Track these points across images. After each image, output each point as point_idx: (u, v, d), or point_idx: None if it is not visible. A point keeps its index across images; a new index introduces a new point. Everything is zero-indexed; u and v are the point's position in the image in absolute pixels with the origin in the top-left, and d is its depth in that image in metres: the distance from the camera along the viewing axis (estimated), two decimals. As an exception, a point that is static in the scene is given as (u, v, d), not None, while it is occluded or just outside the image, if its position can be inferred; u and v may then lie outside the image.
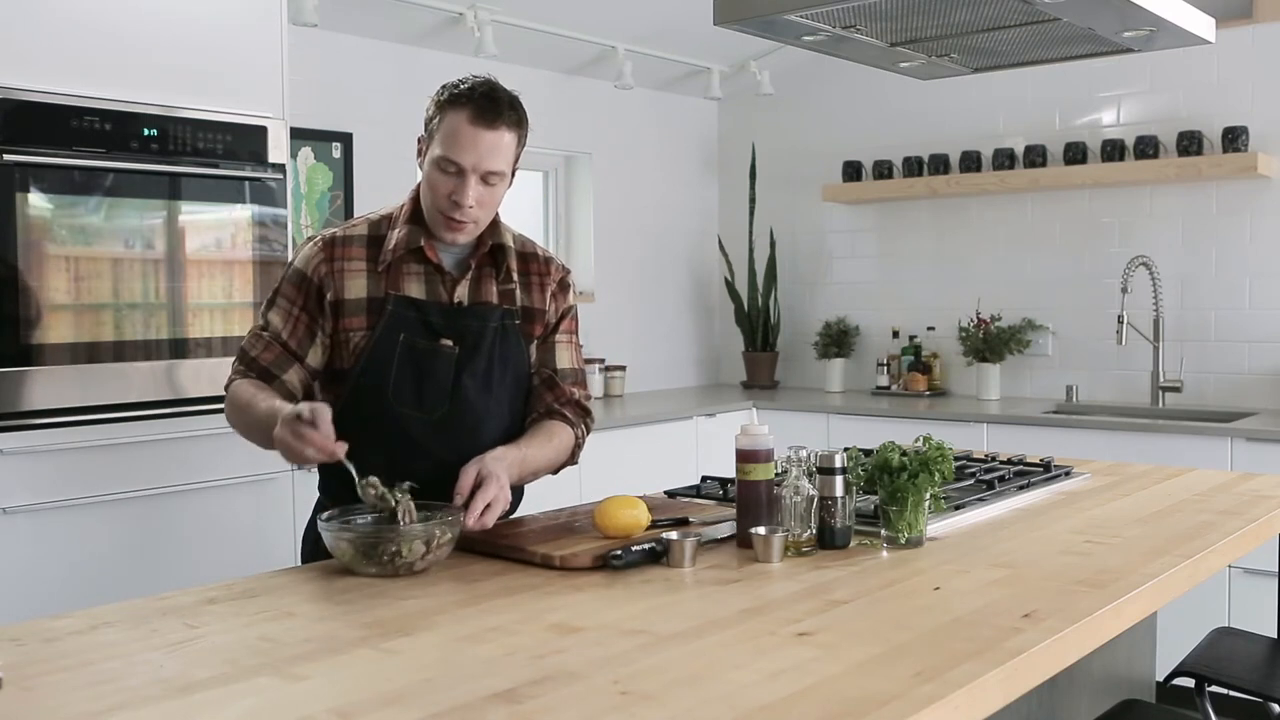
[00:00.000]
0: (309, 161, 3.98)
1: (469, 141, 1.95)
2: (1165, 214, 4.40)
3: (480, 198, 1.99)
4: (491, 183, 1.99)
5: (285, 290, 2.06)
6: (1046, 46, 2.61)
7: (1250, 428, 3.70)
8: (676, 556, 1.78)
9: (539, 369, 2.16)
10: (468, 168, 1.96)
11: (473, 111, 1.95)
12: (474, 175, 1.96)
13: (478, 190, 1.98)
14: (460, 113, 1.96)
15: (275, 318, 2.05)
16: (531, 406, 2.15)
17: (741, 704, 1.17)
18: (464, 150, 1.95)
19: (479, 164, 1.96)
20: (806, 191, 5.24)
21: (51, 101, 2.73)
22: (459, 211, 1.98)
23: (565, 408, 2.14)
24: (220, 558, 2.99)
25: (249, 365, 2.04)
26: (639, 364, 5.11)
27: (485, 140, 1.95)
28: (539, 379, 2.16)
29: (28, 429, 2.71)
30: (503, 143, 1.98)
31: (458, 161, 1.95)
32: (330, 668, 1.32)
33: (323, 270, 2.03)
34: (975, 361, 4.66)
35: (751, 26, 2.38)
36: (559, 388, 2.15)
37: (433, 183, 2.00)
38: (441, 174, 1.98)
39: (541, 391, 2.15)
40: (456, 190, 1.97)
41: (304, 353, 2.04)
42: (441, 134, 1.97)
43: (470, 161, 1.95)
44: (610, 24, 4.52)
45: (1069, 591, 1.61)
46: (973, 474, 2.43)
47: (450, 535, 1.77)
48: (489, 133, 1.95)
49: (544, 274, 2.17)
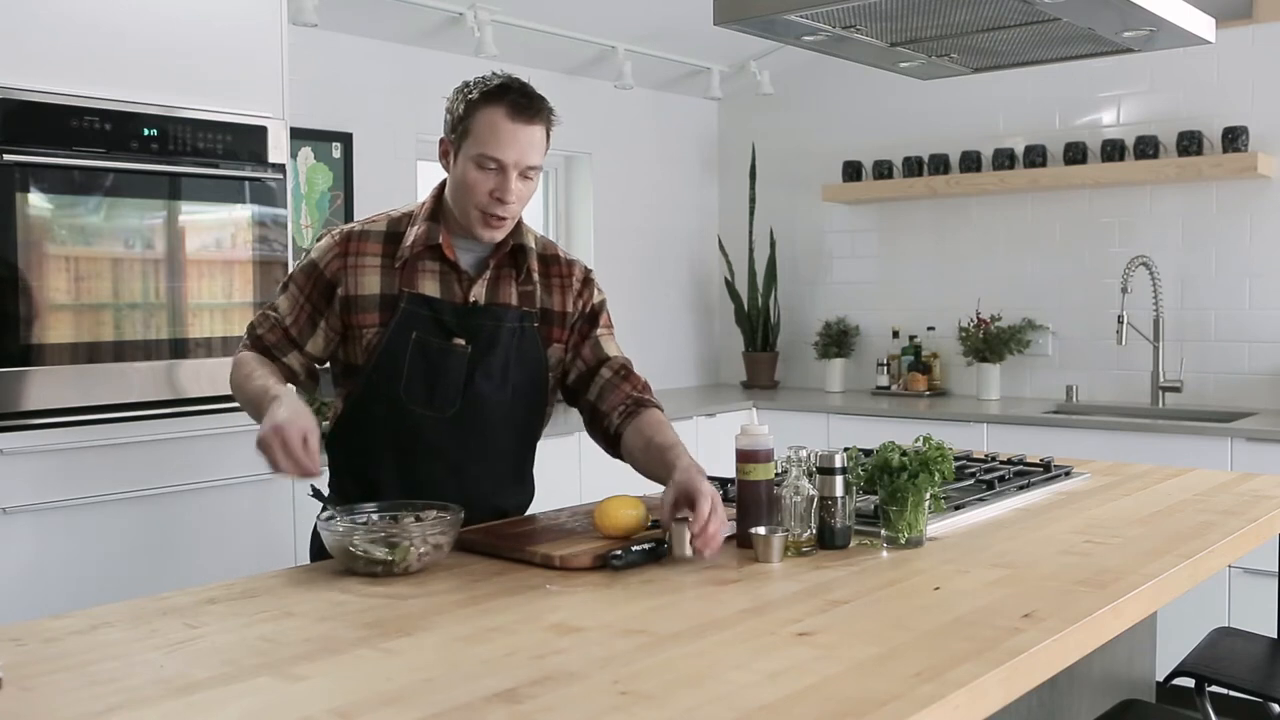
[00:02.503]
0: (309, 161, 3.98)
1: (509, 137, 1.95)
2: (1165, 214, 4.40)
3: (519, 193, 2.00)
4: (529, 177, 2.00)
5: (297, 278, 2.09)
6: (1046, 46, 2.61)
7: (1250, 428, 3.70)
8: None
9: (605, 363, 2.16)
10: (509, 164, 1.95)
11: (510, 107, 1.95)
12: (515, 171, 1.97)
13: (517, 186, 1.98)
14: (497, 108, 1.95)
15: (283, 303, 2.08)
16: (611, 401, 2.13)
17: (741, 704, 1.17)
18: (505, 146, 1.95)
19: (521, 159, 1.96)
20: (806, 191, 5.24)
21: (51, 101, 2.73)
22: (501, 208, 1.98)
23: (644, 393, 2.16)
24: (220, 558, 2.99)
25: (255, 341, 2.09)
26: (639, 364, 5.03)
27: (524, 135, 1.96)
28: (609, 371, 2.16)
29: (28, 429, 2.71)
30: (539, 137, 1.99)
31: (499, 158, 1.95)
32: (330, 668, 1.32)
33: (335, 265, 2.04)
34: (975, 361, 4.66)
35: (751, 26, 2.38)
36: (633, 376, 2.17)
37: (470, 181, 1.98)
38: (481, 171, 1.97)
39: (617, 383, 2.15)
40: (499, 187, 1.97)
41: (304, 341, 2.07)
42: (478, 131, 1.96)
43: (513, 157, 1.95)
44: (610, 24, 4.52)
45: (1069, 591, 1.61)
46: (973, 474, 2.43)
47: (449, 535, 1.77)
48: (528, 127, 1.96)
49: (566, 276, 2.16)
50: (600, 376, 2.15)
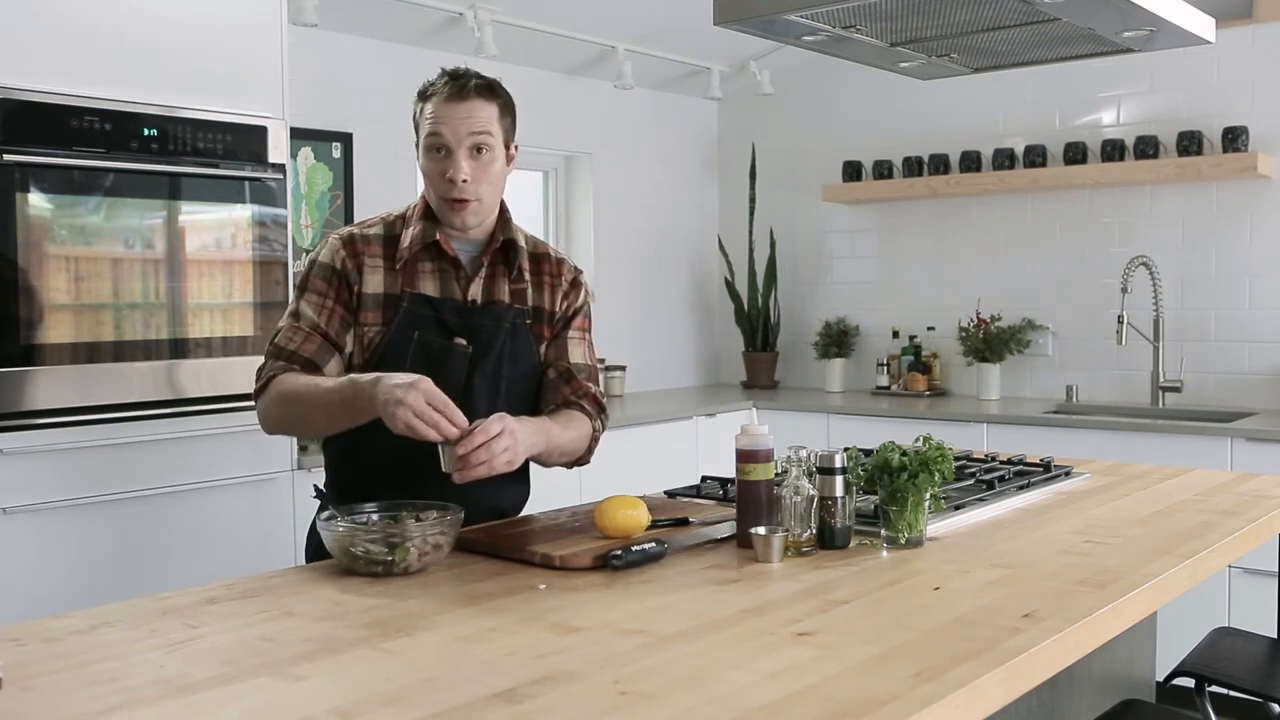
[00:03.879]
0: (309, 161, 3.98)
1: (445, 115, 2.02)
2: (1165, 214, 4.40)
3: (474, 172, 2.02)
4: (482, 154, 2.03)
5: (314, 285, 2.06)
6: (1046, 46, 2.61)
7: (1250, 428, 3.70)
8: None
9: (554, 364, 2.17)
10: (449, 139, 2.01)
11: (444, 92, 2.03)
12: (460, 149, 2.01)
13: (469, 164, 2.02)
14: (435, 97, 2.04)
15: (309, 310, 2.04)
16: (547, 400, 2.14)
17: (741, 704, 1.17)
18: (442, 124, 2.01)
19: (458, 132, 2.01)
20: (806, 191, 5.24)
21: (51, 101, 2.73)
22: (456, 189, 2.01)
23: (582, 400, 2.15)
24: (220, 558, 2.99)
25: (290, 359, 2.02)
26: (639, 364, 5.11)
27: (459, 110, 2.02)
28: (554, 373, 2.16)
29: (28, 429, 2.71)
30: (479, 112, 2.03)
31: (439, 133, 2.01)
32: (330, 668, 1.32)
33: (349, 264, 2.05)
34: (975, 361, 4.66)
35: (751, 26, 2.38)
36: (575, 381, 2.16)
37: (427, 171, 2.06)
38: (431, 159, 2.04)
39: (558, 385, 2.15)
40: (449, 167, 2.02)
41: (342, 343, 2.05)
42: (422, 121, 2.05)
43: (449, 131, 2.01)
44: (610, 24, 4.52)
45: (1069, 591, 1.61)
46: (973, 474, 2.43)
47: (449, 536, 1.77)
48: (461, 104, 2.02)
49: (556, 275, 2.19)
50: (546, 377, 2.17)
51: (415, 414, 1.77)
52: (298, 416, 1.99)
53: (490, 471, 1.82)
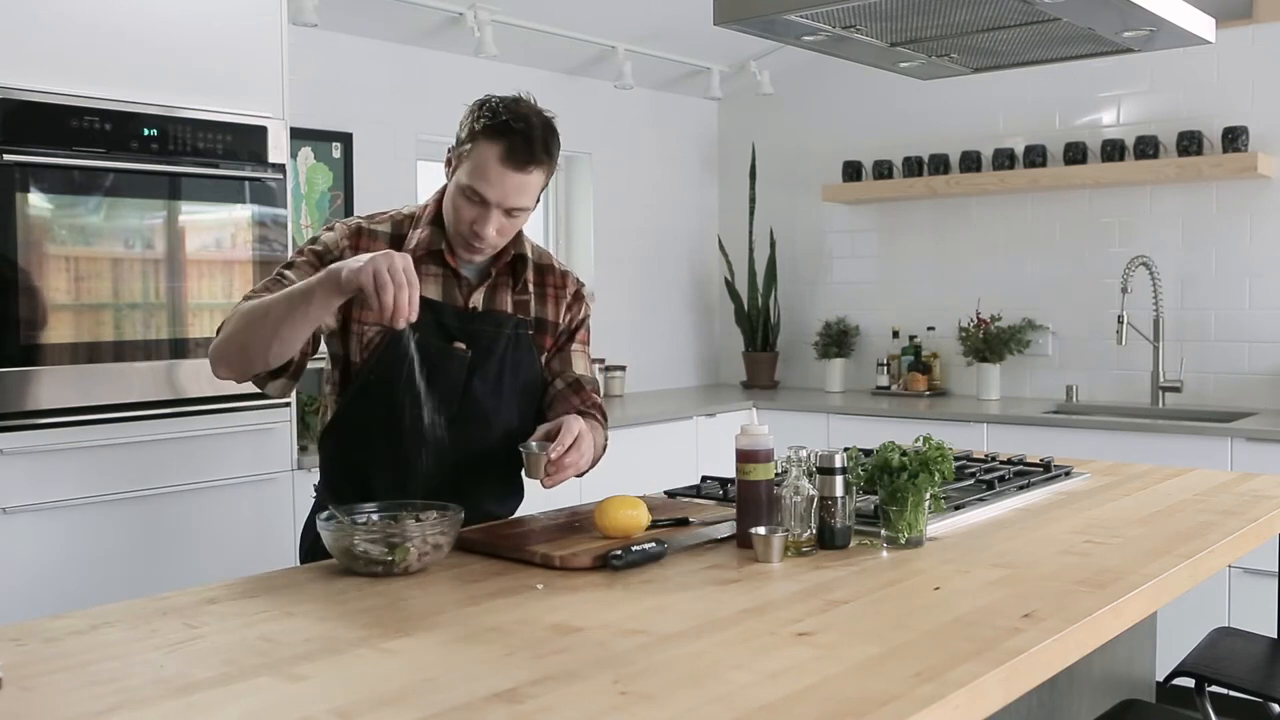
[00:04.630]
0: (309, 161, 3.98)
1: (497, 179, 1.92)
2: (1165, 214, 4.40)
3: (502, 228, 1.99)
4: (515, 216, 1.99)
5: (307, 257, 2.01)
6: (1046, 46, 2.61)
7: (1250, 428, 3.70)
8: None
9: (560, 375, 2.17)
10: (492, 203, 1.94)
11: (505, 150, 1.91)
12: (498, 210, 1.95)
13: (499, 222, 1.97)
14: (493, 147, 1.91)
15: (293, 275, 1.96)
16: (557, 411, 2.13)
17: (741, 704, 1.17)
18: (491, 186, 1.93)
19: (503, 201, 1.94)
20: (806, 191, 5.24)
21: (51, 101, 2.73)
22: (479, 240, 1.98)
23: (593, 410, 2.15)
24: (220, 558, 2.99)
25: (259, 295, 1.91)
26: (639, 364, 5.11)
27: (513, 181, 1.93)
28: (562, 383, 2.17)
29: (28, 429, 2.71)
30: (530, 182, 1.95)
31: (483, 195, 1.93)
32: (330, 668, 1.32)
33: (349, 255, 2.02)
34: (975, 361, 4.66)
35: (751, 26, 2.38)
36: (584, 392, 2.16)
37: (456, 206, 1.98)
38: (466, 201, 1.96)
39: (567, 395, 2.15)
40: (479, 220, 1.96)
41: None
42: (471, 162, 1.94)
43: (495, 198, 1.94)
44: (610, 24, 4.52)
45: (1069, 591, 1.61)
46: (973, 474, 2.43)
47: (449, 536, 1.77)
48: (518, 174, 1.93)
49: (560, 287, 2.18)
50: (553, 388, 2.17)
51: (387, 268, 1.68)
52: (248, 324, 1.83)
53: (577, 472, 1.91)
